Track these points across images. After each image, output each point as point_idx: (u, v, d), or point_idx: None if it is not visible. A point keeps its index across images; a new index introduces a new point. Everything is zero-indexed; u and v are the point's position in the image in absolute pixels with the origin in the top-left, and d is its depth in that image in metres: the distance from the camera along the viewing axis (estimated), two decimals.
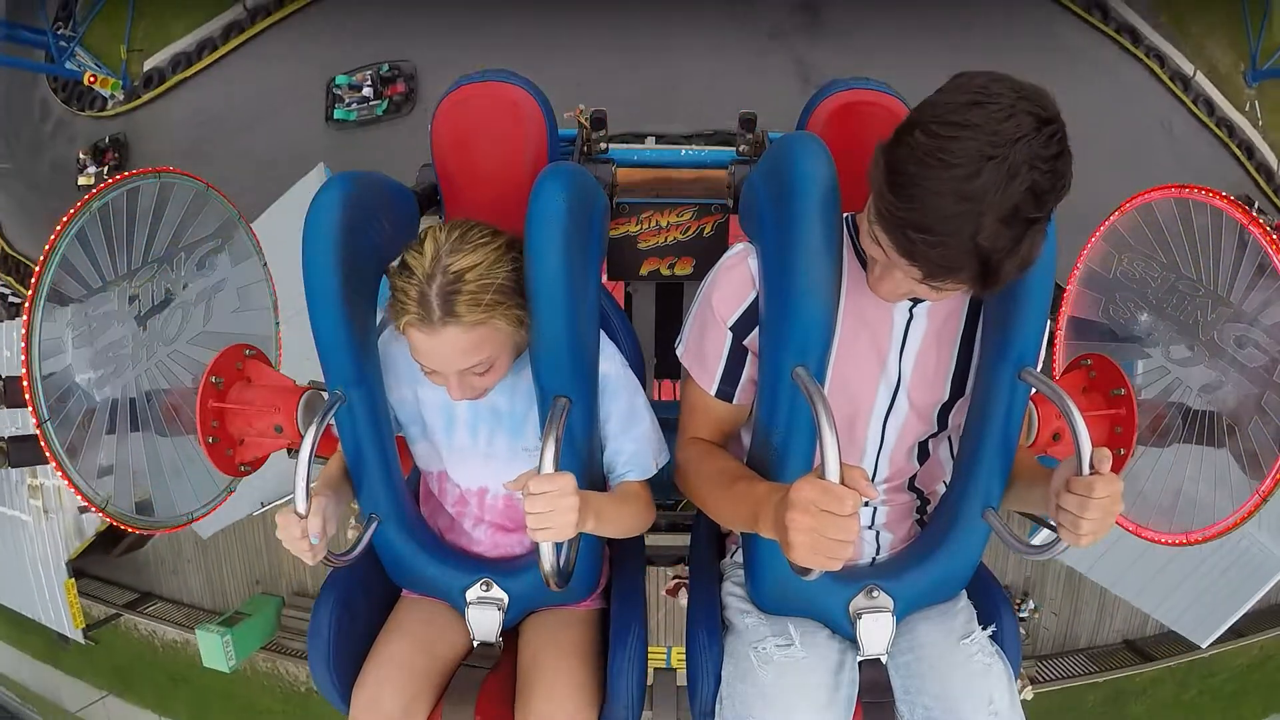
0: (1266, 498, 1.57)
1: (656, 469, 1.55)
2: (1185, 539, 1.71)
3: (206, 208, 1.75)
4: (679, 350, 1.52)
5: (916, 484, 1.56)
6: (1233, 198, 1.67)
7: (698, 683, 1.48)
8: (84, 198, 1.46)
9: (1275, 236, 1.60)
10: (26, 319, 1.40)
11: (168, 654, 11.56)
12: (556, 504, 1.18)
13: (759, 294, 1.38)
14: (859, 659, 1.43)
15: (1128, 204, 1.86)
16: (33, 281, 1.39)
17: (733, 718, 1.38)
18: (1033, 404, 1.57)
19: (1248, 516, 1.61)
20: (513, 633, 1.61)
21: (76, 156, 9.44)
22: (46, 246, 1.41)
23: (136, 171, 1.57)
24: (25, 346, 1.39)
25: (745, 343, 1.42)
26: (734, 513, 1.36)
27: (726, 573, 1.62)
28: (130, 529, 1.61)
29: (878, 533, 1.54)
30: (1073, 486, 1.18)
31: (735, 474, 1.39)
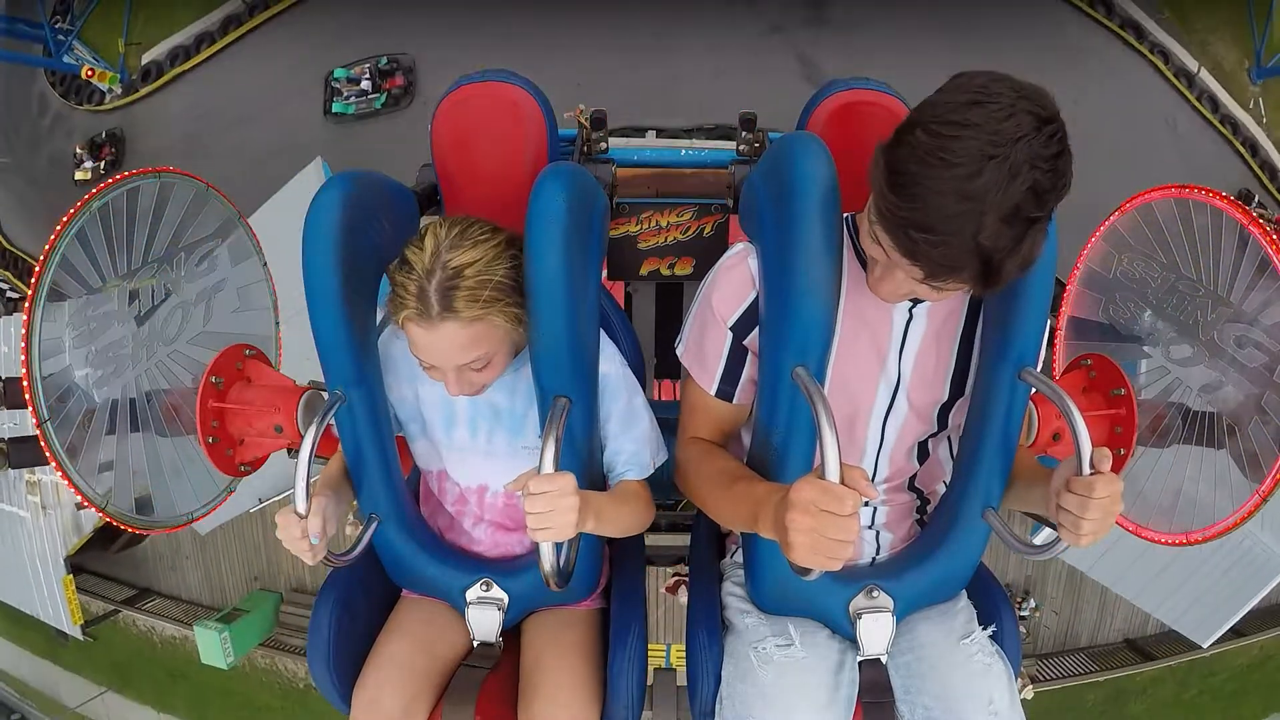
0: (1266, 498, 1.57)
1: (655, 468, 1.55)
2: (1185, 539, 1.71)
3: (206, 207, 1.75)
4: (679, 350, 1.51)
5: (916, 484, 1.56)
6: (1232, 197, 1.67)
7: (698, 683, 1.48)
8: (84, 198, 1.46)
9: (1275, 236, 1.59)
10: (26, 319, 1.39)
11: (166, 650, 11.56)
12: (556, 504, 1.18)
13: (759, 294, 1.38)
14: (859, 659, 1.43)
15: (1128, 204, 1.86)
16: (33, 282, 1.39)
17: (733, 718, 1.38)
18: (1033, 404, 1.57)
19: (1248, 516, 1.61)
20: (513, 633, 1.61)
21: (73, 151, 9.41)
22: (46, 247, 1.41)
23: (136, 171, 1.56)
24: (25, 347, 1.39)
25: (745, 343, 1.42)
26: (734, 513, 1.36)
27: (726, 573, 1.62)
28: (130, 529, 1.61)
29: (878, 533, 1.54)
30: (1073, 486, 1.18)
31: (735, 474, 1.39)
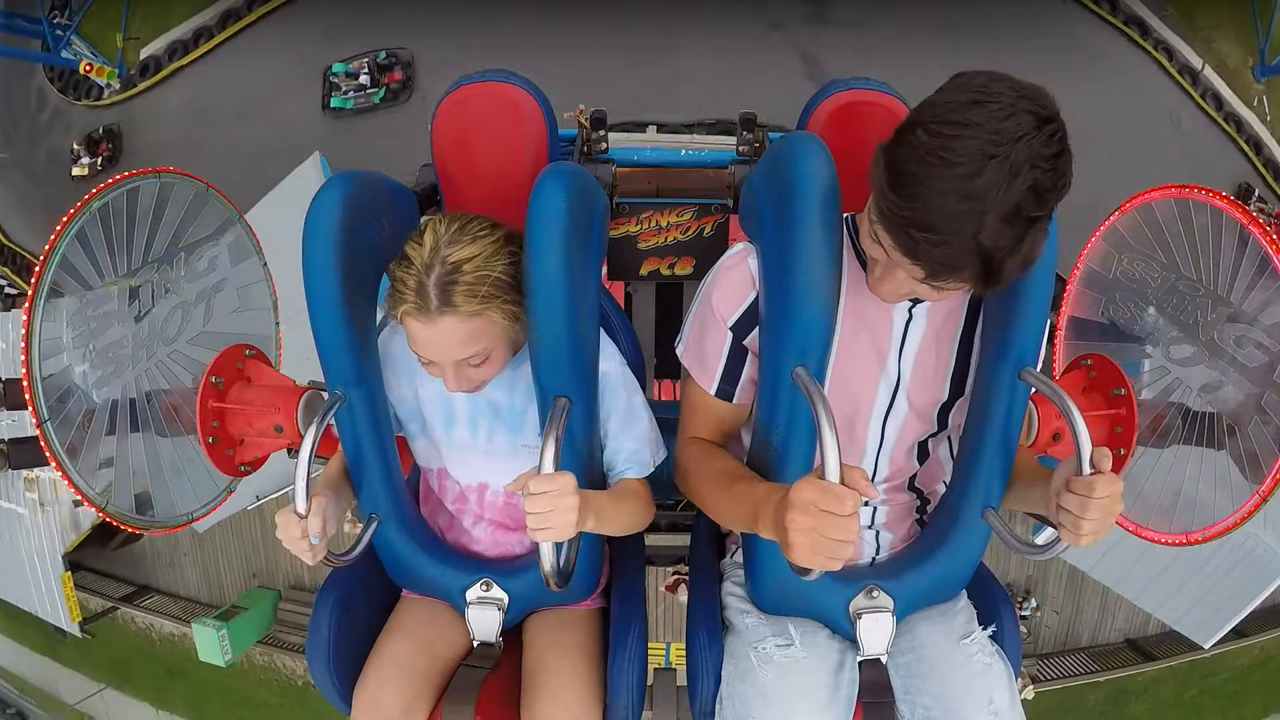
0: (1266, 498, 1.58)
1: (655, 466, 1.55)
2: (1185, 539, 1.71)
3: (206, 208, 1.74)
4: (679, 350, 1.51)
5: (916, 484, 1.56)
6: (1232, 197, 1.67)
7: (698, 683, 1.48)
8: (84, 198, 1.46)
9: (1276, 236, 1.60)
10: (26, 319, 1.39)
11: (165, 647, 11.55)
12: (556, 504, 1.18)
13: (759, 294, 1.38)
14: (859, 659, 1.43)
15: (1128, 204, 1.86)
16: (33, 282, 1.38)
17: (733, 718, 1.38)
18: (1033, 404, 1.57)
19: (1248, 516, 1.61)
20: (513, 632, 1.61)
21: (70, 147, 9.37)
22: (46, 247, 1.41)
23: (136, 171, 1.56)
24: (25, 348, 1.38)
25: (745, 342, 1.42)
26: (734, 513, 1.36)
27: (726, 573, 1.62)
28: (131, 529, 1.61)
29: (877, 533, 1.54)
30: (1073, 486, 1.18)
31: (735, 474, 1.39)
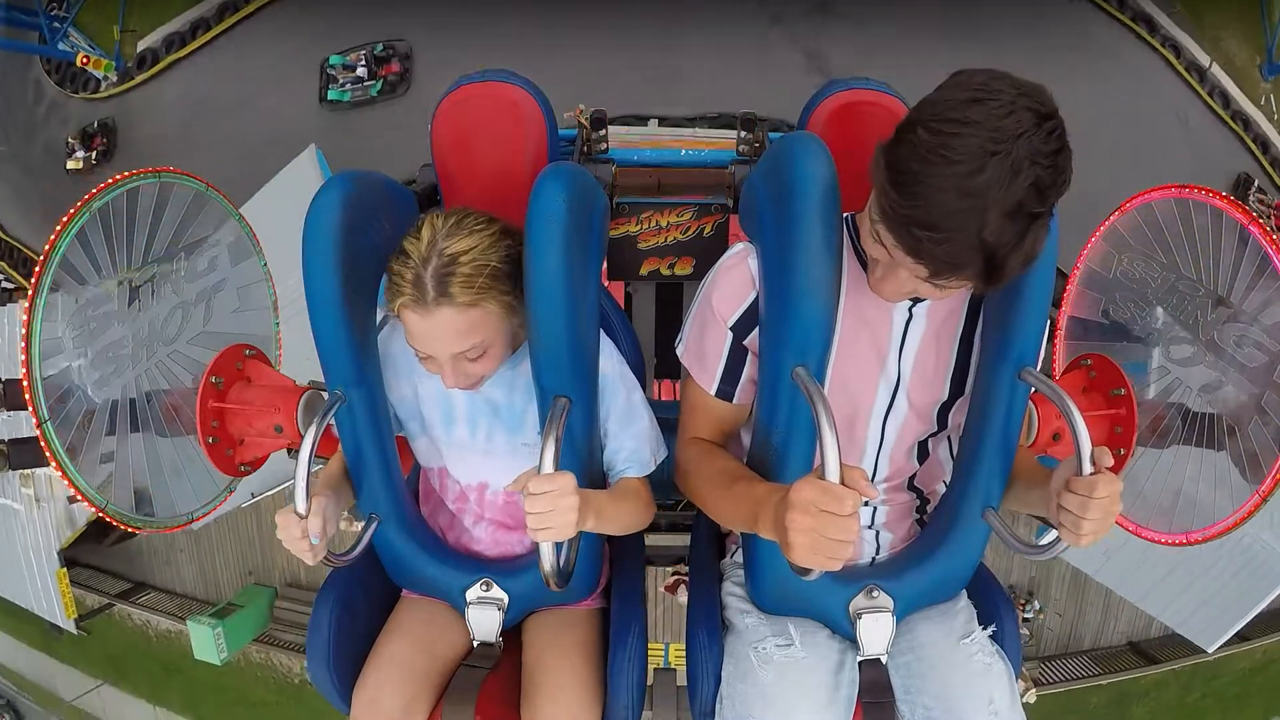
0: (1266, 498, 1.58)
1: (655, 465, 1.55)
2: (1185, 539, 1.71)
3: (207, 207, 1.74)
4: (679, 350, 1.51)
5: (916, 483, 1.56)
6: (1231, 190, 1.67)
7: (698, 683, 1.48)
8: (84, 198, 1.45)
9: (1276, 236, 1.60)
10: (26, 320, 1.39)
11: (161, 644, 11.56)
12: (557, 504, 1.18)
13: (759, 294, 1.38)
14: (859, 659, 1.44)
15: (1128, 204, 1.86)
16: (33, 282, 1.38)
17: (733, 718, 1.38)
18: (1033, 404, 1.57)
19: (1248, 517, 1.61)
20: (513, 632, 1.61)
21: (66, 140, 9.36)
22: (46, 247, 1.40)
23: (136, 171, 1.56)
24: (25, 348, 1.38)
25: (745, 343, 1.42)
26: (734, 513, 1.36)
27: (726, 573, 1.62)
28: (131, 529, 1.60)
29: (877, 532, 1.54)
30: (1073, 486, 1.18)
31: (735, 474, 1.39)
